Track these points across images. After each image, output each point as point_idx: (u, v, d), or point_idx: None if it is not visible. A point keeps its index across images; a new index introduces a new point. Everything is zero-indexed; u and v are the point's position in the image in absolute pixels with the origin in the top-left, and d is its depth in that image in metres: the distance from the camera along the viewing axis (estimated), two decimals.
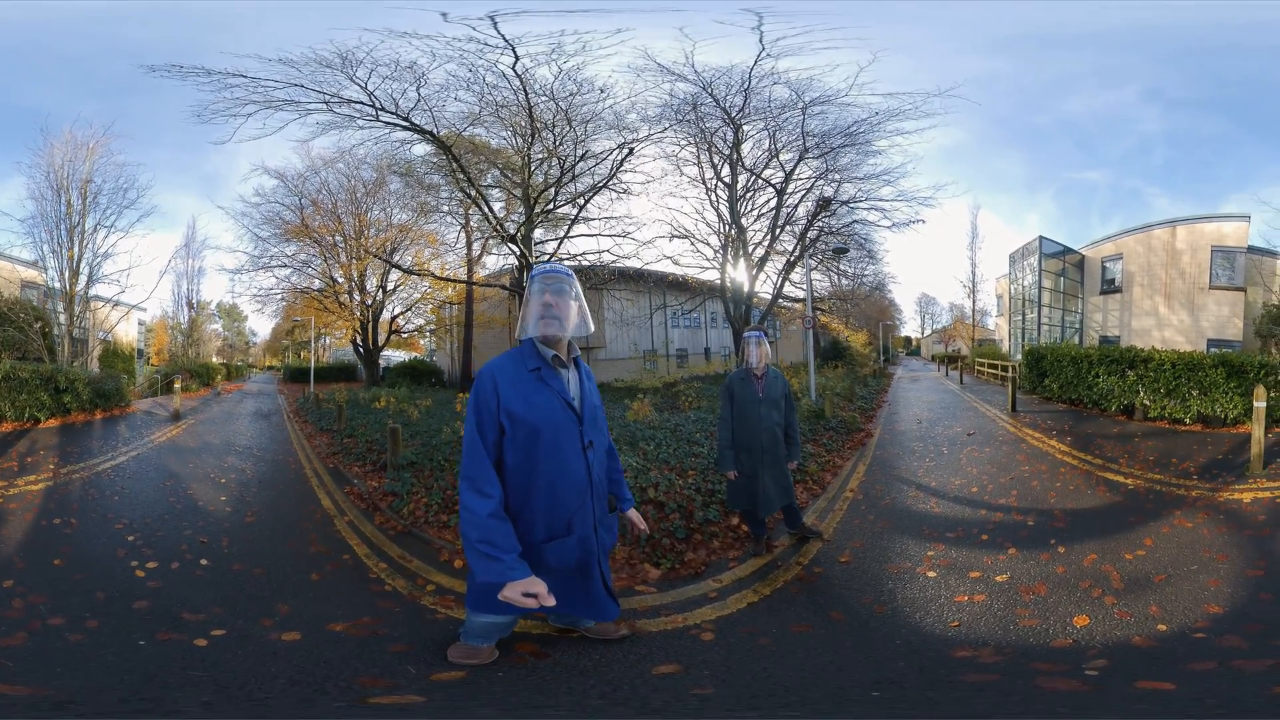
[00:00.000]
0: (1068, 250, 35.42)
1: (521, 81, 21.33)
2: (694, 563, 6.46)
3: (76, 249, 25.66)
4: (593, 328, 3.90)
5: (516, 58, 20.32)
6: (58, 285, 25.97)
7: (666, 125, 24.51)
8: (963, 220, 65.35)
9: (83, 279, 26.11)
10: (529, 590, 3.29)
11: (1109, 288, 33.59)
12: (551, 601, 3.33)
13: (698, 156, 27.04)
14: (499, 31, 19.12)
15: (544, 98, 22.32)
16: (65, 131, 26.11)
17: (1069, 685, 3.60)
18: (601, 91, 22.63)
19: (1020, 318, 37.99)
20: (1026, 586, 5.43)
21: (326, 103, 20.80)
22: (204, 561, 6.50)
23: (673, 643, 4.56)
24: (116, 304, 29.45)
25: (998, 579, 5.66)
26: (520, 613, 3.74)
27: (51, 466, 11.29)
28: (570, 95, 22.43)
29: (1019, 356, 32.16)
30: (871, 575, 5.96)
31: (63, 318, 25.86)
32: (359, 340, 35.83)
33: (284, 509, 9.31)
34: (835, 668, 4.13)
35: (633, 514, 4.34)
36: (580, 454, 3.76)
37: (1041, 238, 34.92)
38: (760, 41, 21.18)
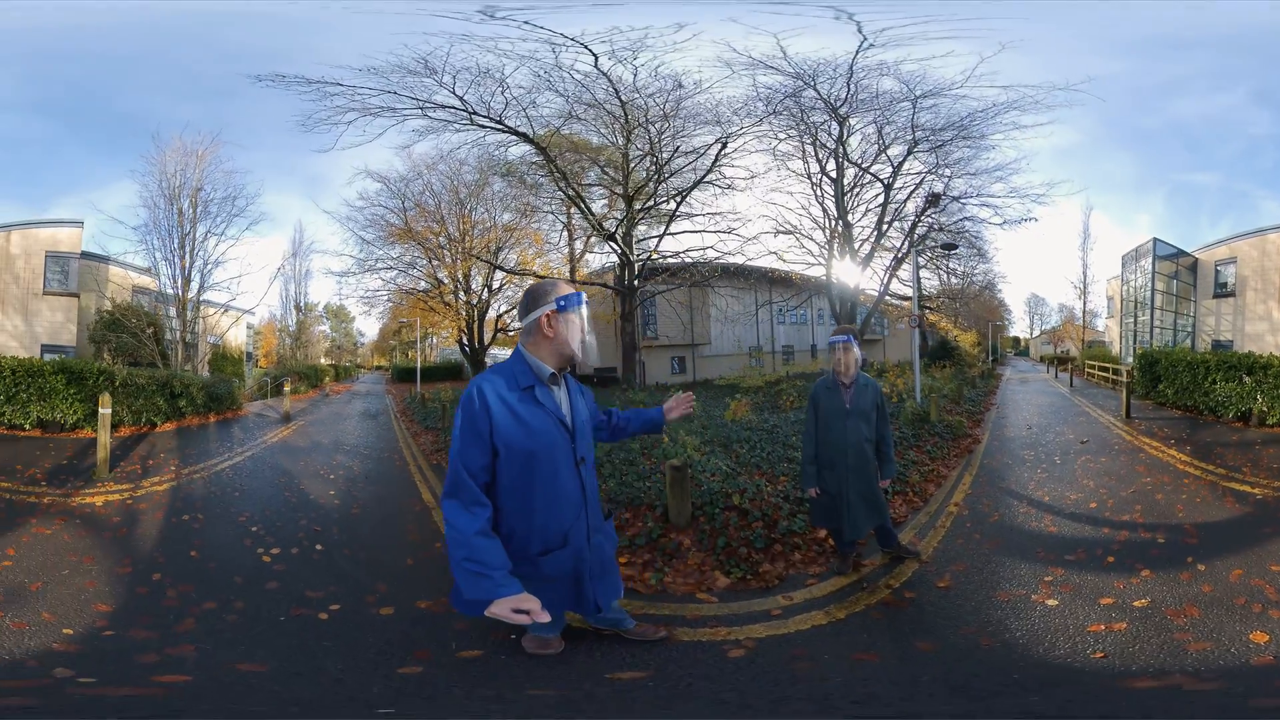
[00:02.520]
0: (1181, 253, 34.25)
1: (609, 80, 21.45)
2: (768, 575, 6.20)
3: (188, 257, 26.11)
4: (596, 360, 3.91)
5: (595, 57, 20.45)
6: (171, 292, 26.50)
7: (760, 117, 24.28)
8: (1074, 220, 63.41)
9: (194, 286, 26.55)
10: (520, 606, 3.20)
11: (1221, 291, 32.31)
12: (546, 618, 3.25)
13: (802, 150, 26.65)
14: (540, 26, 19.37)
15: (636, 95, 22.39)
16: (175, 139, 26.60)
17: None
18: (686, 87, 22.60)
19: (1132, 320, 36.88)
20: (1174, 609, 4.98)
21: (421, 108, 21.39)
22: (318, 547, 7.32)
23: (687, 654, 4.52)
24: (227, 309, 30.18)
25: (1136, 604, 5.14)
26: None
27: (173, 468, 11.73)
28: (667, 91, 22.45)
29: (1130, 360, 31.19)
30: (975, 603, 5.45)
31: (175, 324, 26.44)
32: (464, 339, 36.13)
33: (387, 502, 9.98)
34: (877, 699, 3.83)
35: (675, 402, 4.52)
36: (574, 471, 3.75)
37: (1155, 239, 33.87)
38: (860, 33, 20.90)
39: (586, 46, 20.11)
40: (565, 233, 32.51)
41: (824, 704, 3.70)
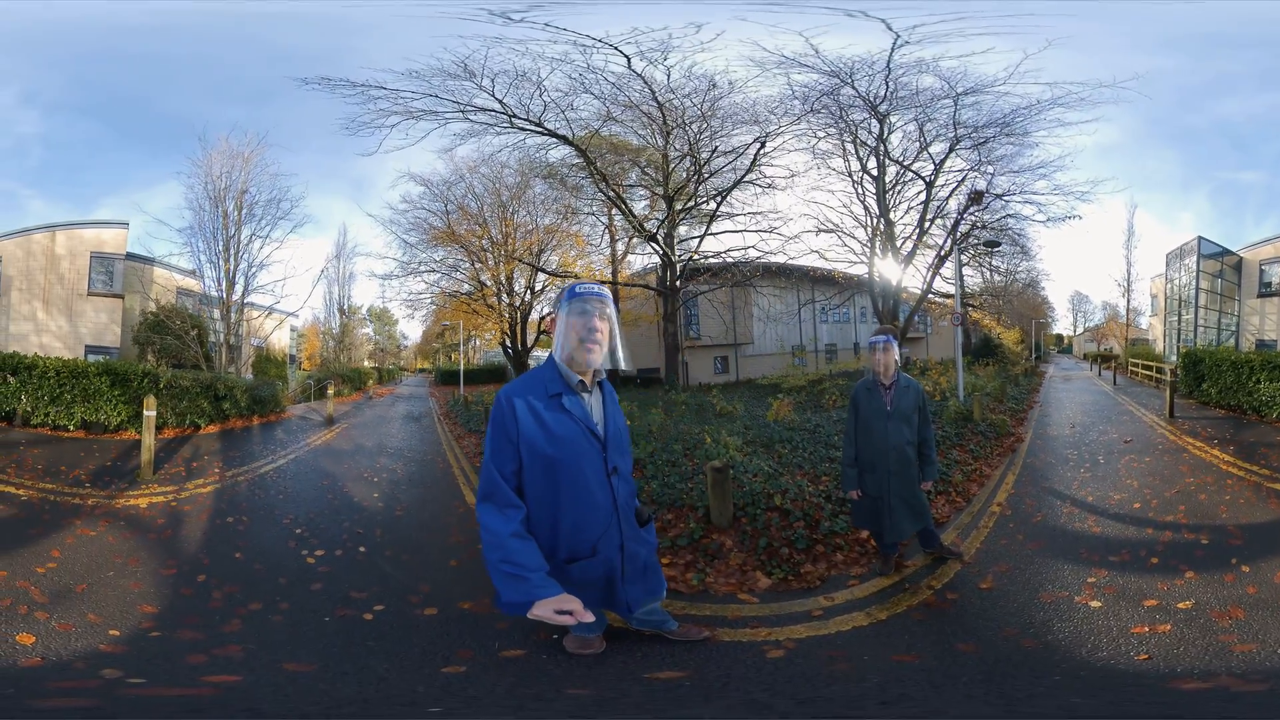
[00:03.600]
0: (1226, 251, 33.69)
1: (644, 81, 21.50)
2: (810, 576, 6.21)
3: (233, 260, 26.01)
4: (624, 363, 3.79)
5: (627, 58, 20.51)
6: (215, 294, 26.40)
7: (798, 116, 24.11)
8: (1118, 218, 62.28)
9: (239, 288, 26.41)
10: (561, 607, 3.19)
11: (1266, 291, 31.74)
12: (590, 617, 3.25)
13: (842, 148, 26.39)
14: (561, 28, 19.47)
15: (671, 95, 22.40)
16: (222, 141, 26.45)
17: None
18: (721, 86, 22.54)
19: (1176, 318, 36.37)
20: (1219, 611, 4.90)
21: (462, 111, 21.58)
22: (361, 549, 7.44)
23: (727, 654, 4.55)
24: (272, 312, 30.29)
25: (1180, 606, 5.06)
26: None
27: (217, 470, 11.91)
28: (702, 92, 22.46)
29: (1174, 358, 30.77)
30: (1018, 604, 5.41)
31: (219, 326, 26.43)
32: (507, 341, 36.00)
33: (430, 504, 10.10)
34: (909, 699, 3.77)
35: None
36: (604, 481, 3.69)
37: (1200, 238, 33.35)
38: (890, 30, 20.70)
39: (616, 48, 20.18)
40: (607, 234, 32.47)
41: (855, 704, 3.67)
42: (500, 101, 21.30)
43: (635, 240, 31.06)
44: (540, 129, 22.61)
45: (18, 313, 23.90)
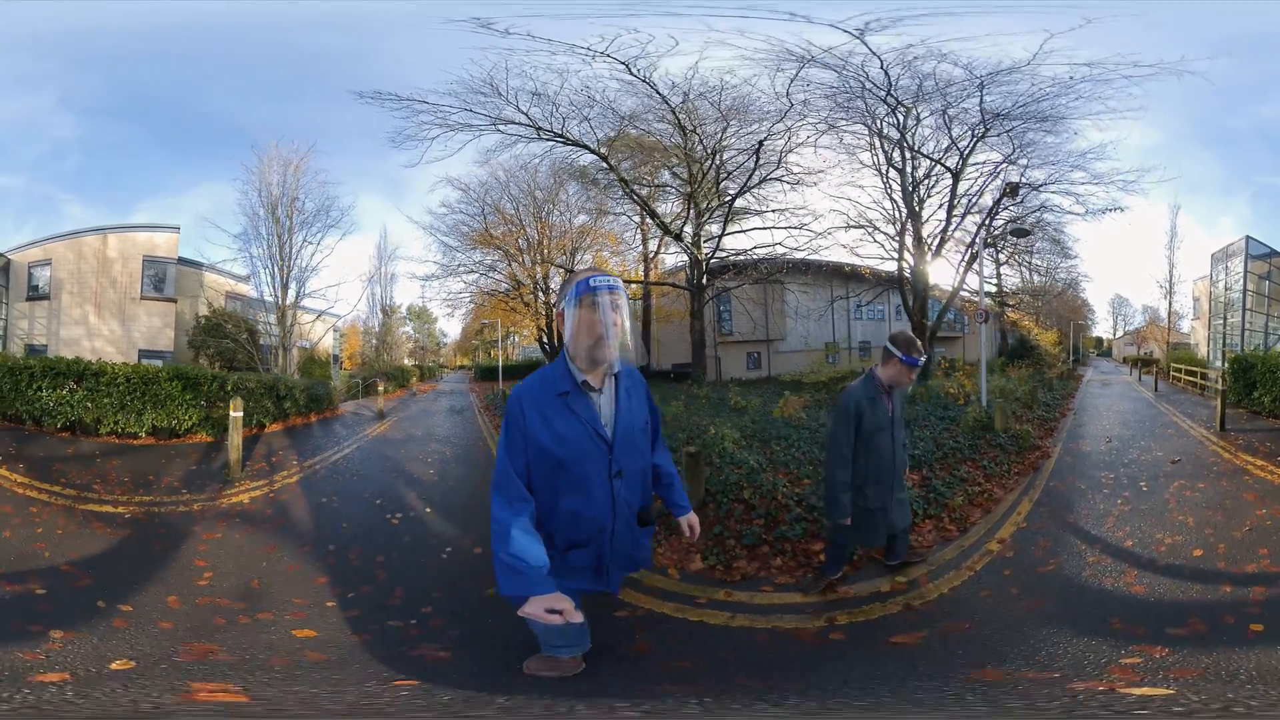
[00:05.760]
0: (1274, 252, 33.20)
1: (650, 86, 22.07)
2: (738, 570, 6.45)
3: (286, 265, 26.13)
4: (638, 358, 3.68)
5: (625, 65, 21.09)
6: (270, 299, 26.49)
7: (796, 106, 23.83)
8: (1159, 219, 61.73)
9: (291, 293, 26.39)
10: (553, 606, 3.19)
11: None
12: (579, 618, 3.27)
13: (869, 142, 25.82)
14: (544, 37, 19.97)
15: (681, 97, 22.94)
16: (272, 147, 26.19)
17: None
18: (718, 86, 22.84)
19: (1220, 322, 36.06)
20: None
21: (494, 124, 22.45)
22: (428, 510, 9.71)
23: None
24: (322, 315, 30.44)
25: None
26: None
27: (295, 462, 13.00)
28: (716, 90, 22.83)
29: (1219, 363, 30.51)
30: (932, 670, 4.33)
31: (274, 329, 26.64)
32: (544, 338, 36.47)
33: (475, 478, 12.23)
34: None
35: (683, 521, 4.20)
36: (606, 483, 3.62)
37: (1248, 238, 32.85)
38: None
39: (609, 55, 20.68)
40: (639, 232, 32.82)
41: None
42: (526, 115, 22.19)
43: (667, 239, 31.53)
44: (565, 139, 23.46)
45: (69, 316, 24.10)
